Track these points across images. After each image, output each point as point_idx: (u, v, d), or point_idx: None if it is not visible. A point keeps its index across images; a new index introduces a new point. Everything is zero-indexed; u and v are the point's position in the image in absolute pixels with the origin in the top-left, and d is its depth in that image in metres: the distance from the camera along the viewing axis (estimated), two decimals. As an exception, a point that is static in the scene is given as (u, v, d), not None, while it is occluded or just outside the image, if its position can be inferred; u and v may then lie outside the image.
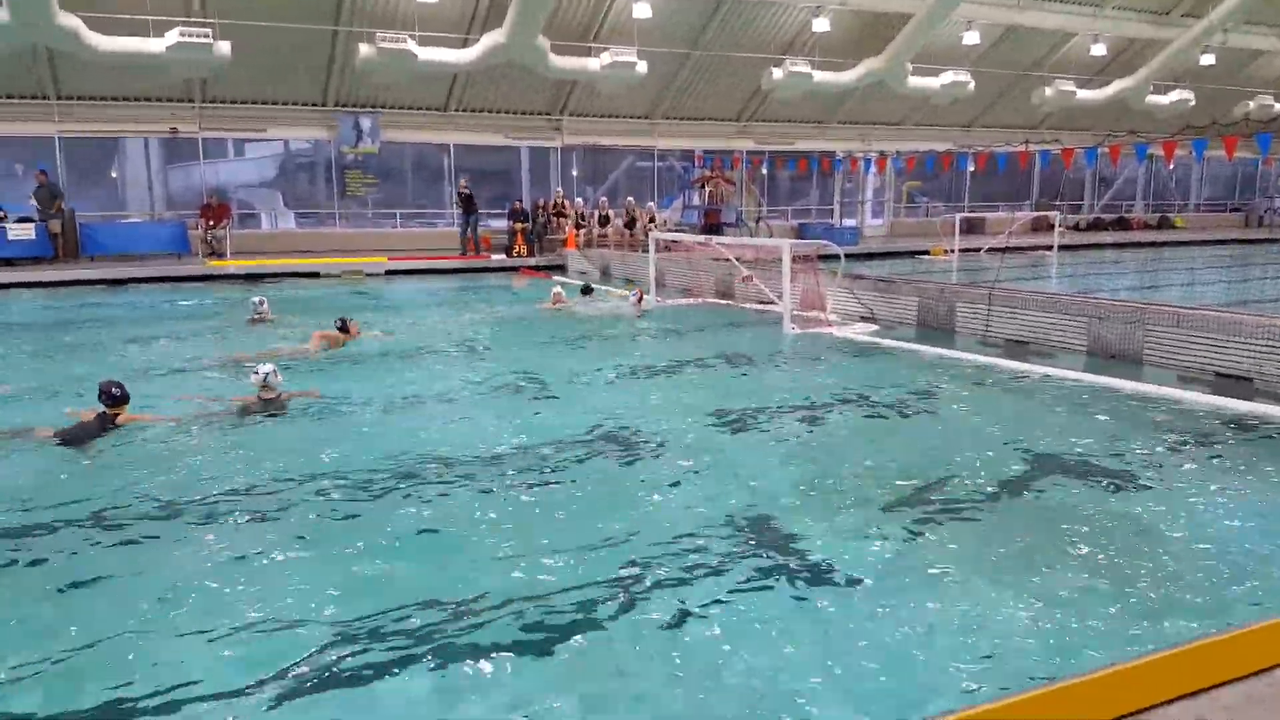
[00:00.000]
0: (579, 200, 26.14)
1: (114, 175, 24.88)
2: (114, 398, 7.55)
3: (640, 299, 14.92)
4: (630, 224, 25.19)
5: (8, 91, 20.96)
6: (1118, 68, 30.52)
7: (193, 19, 19.77)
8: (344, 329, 11.72)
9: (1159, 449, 7.03)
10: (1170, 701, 2.48)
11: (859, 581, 4.66)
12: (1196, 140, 19.71)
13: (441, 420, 8.11)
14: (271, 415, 8.05)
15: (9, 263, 19.76)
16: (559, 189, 26.48)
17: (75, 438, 7.18)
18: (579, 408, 8.48)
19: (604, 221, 25.13)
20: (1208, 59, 29.69)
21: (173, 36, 18.72)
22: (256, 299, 13.79)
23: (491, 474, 6.46)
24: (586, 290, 16.55)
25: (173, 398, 8.58)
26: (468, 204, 23.70)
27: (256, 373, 8.27)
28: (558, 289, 15.43)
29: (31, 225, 20.27)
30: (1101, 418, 8.00)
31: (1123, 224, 35.25)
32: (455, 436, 7.48)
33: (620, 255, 21.93)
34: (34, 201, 20.68)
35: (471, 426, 7.85)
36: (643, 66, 23.03)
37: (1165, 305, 10.73)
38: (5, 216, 20.36)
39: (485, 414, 8.32)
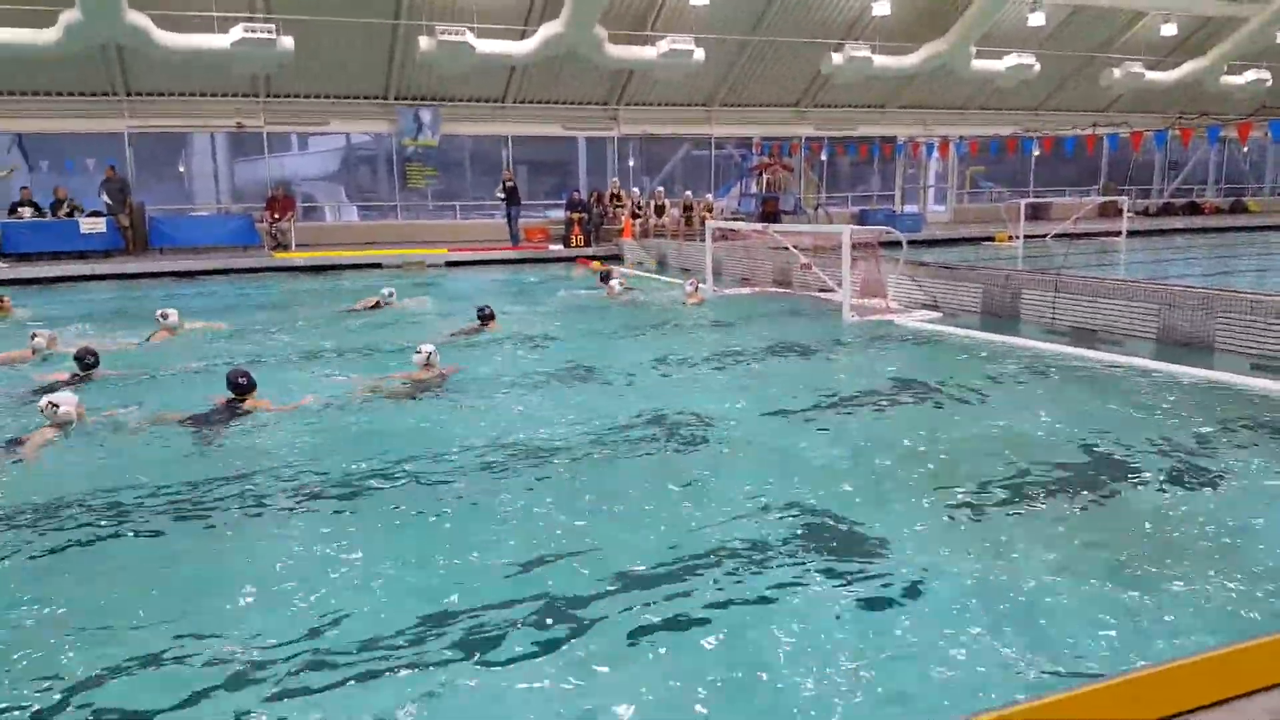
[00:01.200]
0: (635, 190, 26.11)
1: (181, 169, 25.41)
2: (240, 387, 7.75)
3: (696, 289, 14.81)
4: (688, 214, 25.09)
5: (79, 89, 21.46)
6: (1190, 48, 29.71)
7: (256, 15, 20.08)
8: (490, 318, 12.03)
9: (1231, 438, 6.84)
10: (1250, 694, 2.40)
11: (913, 573, 4.60)
12: (1273, 121, 19.17)
13: (504, 408, 8.16)
14: (369, 401, 8.32)
15: (82, 255, 20.28)
16: (615, 179, 26.48)
17: (202, 422, 7.39)
18: (636, 397, 8.48)
19: (660, 211, 25.10)
20: (1286, 37, 28.82)
21: (237, 33, 19.04)
22: (386, 290, 14.23)
23: (549, 461, 6.50)
24: (605, 277, 16.71)
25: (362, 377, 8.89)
26: (511, 196, 23.73)
27: (420, 351, 8.85)
28: (614, 281, 15.41)
29: (102, 219, 20.75)
30: (1171, 406, 7.81)
31: (1194, 209, 34.35)
32: (513, 424, 7.53)
33: (677, 245, 21.88)
34: (104, 196, 21.14)
35: (530, 414, 7.89)
36: (700, 54, 22.91)
37: (1238, 291, 10.44)
38: (75, 209, 20.81)
39: (543, 402, 8.36)
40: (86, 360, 9.10)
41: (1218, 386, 8.40)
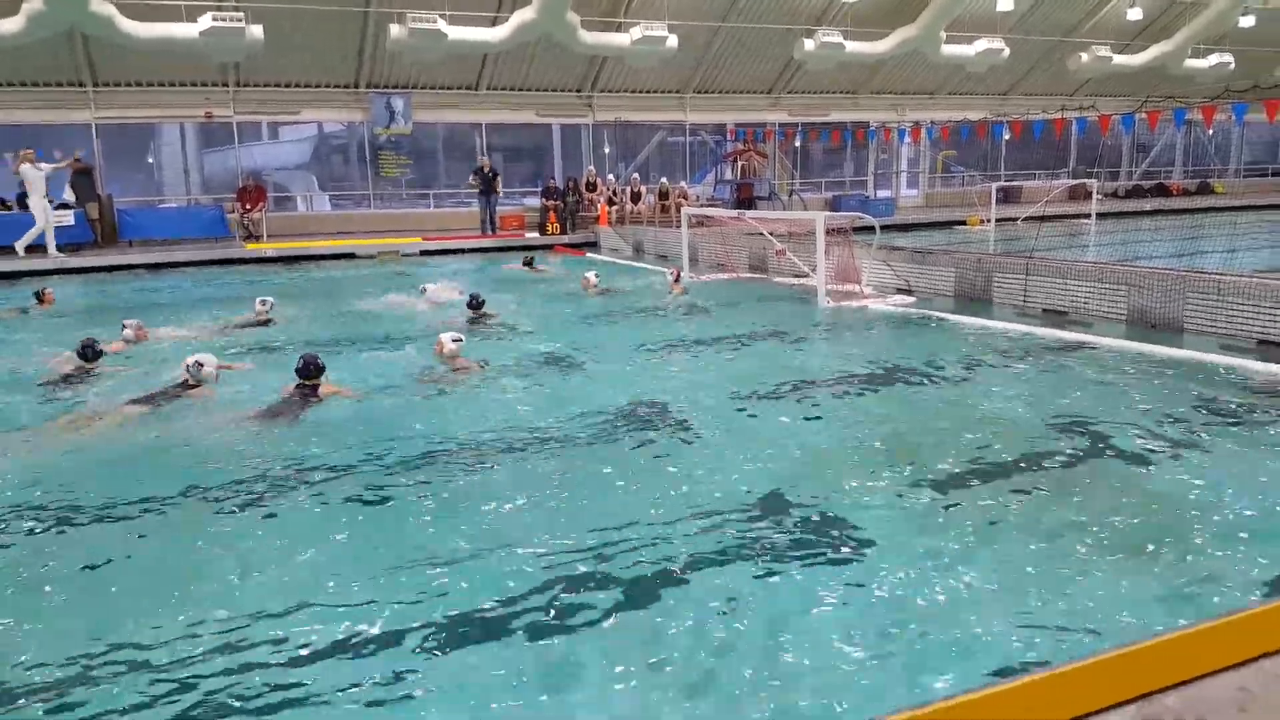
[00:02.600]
0: (610, 177, 26.11)
1: (150, 160, 25.17)
2: (318, 369, 7.83)
3: (678, 278, 14.65)
4: (664, 201, 25.10)
5: (45, 79, 21.20)
6: (1155, 32, 29.98)
7: (225, 3, 19.89)
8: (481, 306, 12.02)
9: (1200, 417, 6.96)
10: (1218, 672, 2.48)
11: (890, 556, 4.66)
12: (1237, 104, 19.36)
13: (494, 397, 8.19)
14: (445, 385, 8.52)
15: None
16: (590, 167, 26.45)
17: (279, 411, 7.46)
18: (615, 384, 8.52)
19: (636, 198, 25.10)
20: (1248, 21, 29.07)
21: (205, 21, 18.87)
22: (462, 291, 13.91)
23: (532, 450, 6.53)
24: (528, 263, 17.40)
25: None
26: (490, 183, 23.60)
27: (454, 341, 9.00)
28: (589, 274, 14.98)
29: (70, 211, 20.48)
30: (1141, 386, 7.93)
31: (1161, 191, 34.70)
32: (498, 412, 7.56)
33: (654, 232, 21.92)
34: (68, 190, 20.85)
35: (512, 403, 7.93)
36: (673, 40, 22.90)
37: (1206, 272, 10.60)
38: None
39: (525, 390, 8.38)
40: (87, 351, 9.21)
41: (1187, 365, 8.53)
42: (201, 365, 8.07)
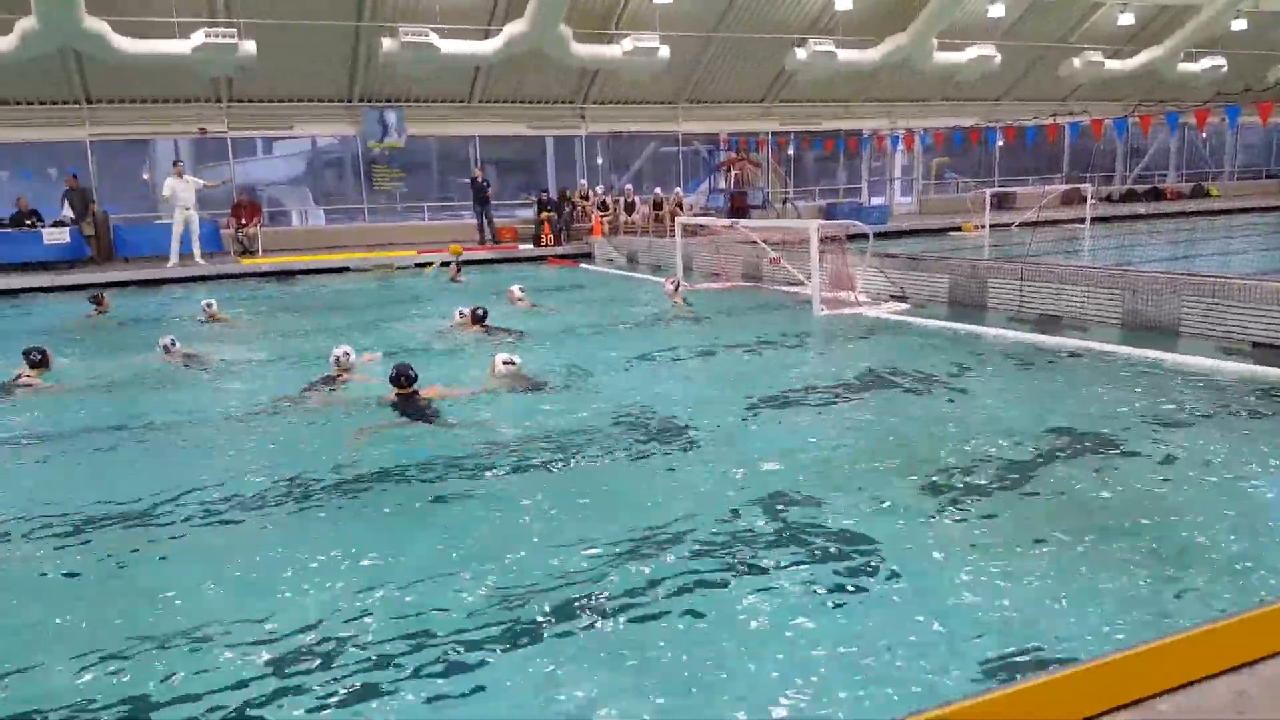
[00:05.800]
0: (598, 188, 26.13)
1: (145, 177, 25.12)
2: (411, 379, 7.91)
3: (677, 287, 14.07)
4: (658, 211, 25.10)
5: (39, 97, 21.21)
6: (1147, 36, 30.05)
7: (218, 19, 19.92)
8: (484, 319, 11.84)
9: (1197, 421, 6.95)
10: (1214, 676, 2.46)
11: (887, 563, 4.64)
12: (1229, 107, 19.44)
13: (489, 405, 8.18)
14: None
15: (45, 266, 20.00)
16: (583, 181, 26.47)
17: (415, 417, 7.69)
18: (611, 393, 8.52)
19: (629, 208, 25.11)
20: (1239, 24, 29.16)
21: (198, 37, 18.88)
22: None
23: (529, 457, 6.51)
24: (446, 264, 18.45)
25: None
26: (482, 193, 23.74)
27: (511, 362, 8.98)
28: (515, 288, 14.68)
29: (66, 229, 20.48)
30: (1137, 391, 7.92)
31: (1156, 194, 34.75)
32: (498, 420, 7.56)
33: (647, 242, 21.92)
34: (66, 206, 20.85)
35: (508, 410, 7.91)
36: (665, 51, 22.94)
37: (1201, 275, 10.60)
38: (39, 222, 20.58)
39: (520, 399, 8.37)
40: (33, 357, 9.41)
41: (1182, 369, 8.53)
42: (349, 354, 8.94)
